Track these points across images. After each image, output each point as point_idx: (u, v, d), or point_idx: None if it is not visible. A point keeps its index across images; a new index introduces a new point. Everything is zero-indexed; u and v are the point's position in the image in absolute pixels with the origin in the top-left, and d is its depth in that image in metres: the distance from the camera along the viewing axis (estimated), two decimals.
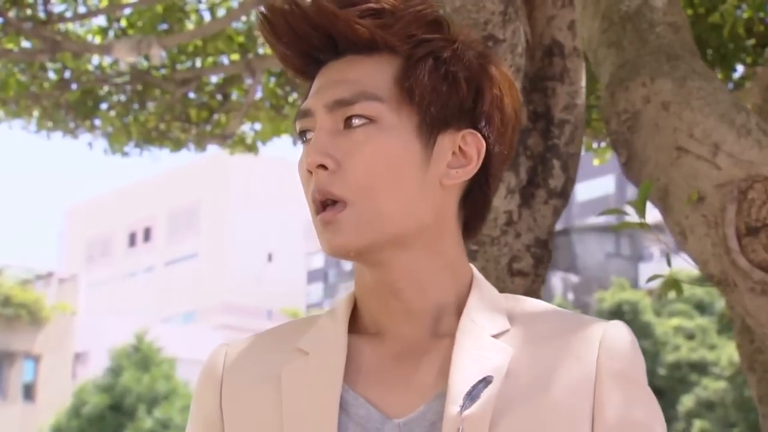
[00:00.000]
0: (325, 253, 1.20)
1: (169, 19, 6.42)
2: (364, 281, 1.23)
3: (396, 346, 1.22)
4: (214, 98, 6.81)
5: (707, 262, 2.78)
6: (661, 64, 2.99)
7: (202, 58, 6.62)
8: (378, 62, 1.21)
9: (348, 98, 1.19)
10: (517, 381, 1.17)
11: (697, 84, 2.91)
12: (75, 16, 6.18)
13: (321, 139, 1.19)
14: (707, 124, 2.81)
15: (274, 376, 1.22)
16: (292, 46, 1.23)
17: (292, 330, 1.28)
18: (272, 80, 6.72)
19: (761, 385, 3.44)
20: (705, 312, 26.25)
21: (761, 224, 2.67)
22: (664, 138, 2.88)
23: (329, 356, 1.21)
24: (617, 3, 3.22)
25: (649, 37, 3.09)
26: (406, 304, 1.22)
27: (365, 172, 1.18)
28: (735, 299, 2.75)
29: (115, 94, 6.70)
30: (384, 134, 1.18)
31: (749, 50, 6.79)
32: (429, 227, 1.21)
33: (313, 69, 1.24)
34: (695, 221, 2.79)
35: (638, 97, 2.95)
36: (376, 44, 1.21)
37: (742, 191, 2.70)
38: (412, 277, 1.21)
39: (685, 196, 2.82)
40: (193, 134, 6.83)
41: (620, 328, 1.22)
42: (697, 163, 2.80)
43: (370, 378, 1.20)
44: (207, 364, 1.29)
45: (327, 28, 1.20)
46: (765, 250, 2.65)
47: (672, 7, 3.19)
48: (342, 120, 1.19)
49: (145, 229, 55.47)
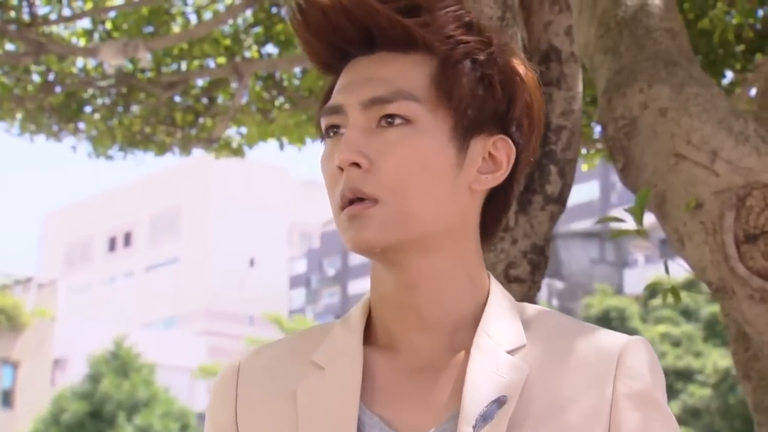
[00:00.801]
0: (349, 249, 1.18)
1: (155, 22, 6.39)
2: (381, 286, 1.22)
3: (411, 360, 1.20)
4: (199, 102, 6.79)
5: (705, 270, 2.78)
6: (658, 70, 2.99)
7: (187, 61, 6.59)
8: (413, 61, 1.19)
9: (385, 96, 1.17)
10: (532, 401, 1.15)
11: (695, 90, 2.92)
12: (60, 19, 6.16)
13: (354, 136, 1.17)
14: (705, 131, 2.82)
15: (289, 391, 1.21)
16: (324, 37, 1.21)
17: (306, 340, 1.27)
18: (259, 84, 6.71)
19: (757, 393, 3.45)
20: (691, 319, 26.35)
21: (760, 231, 2.67)
22: (661, 144, 2.88)
23: (345, 373, 1.20)
24: (614, 8, 3.22)
25: (646, 43, 3.09)
26: (422, 313, 1.20)
27: (399, 172, 1.16)
28: (733, 307, 2.76)
29: (99, 97, 6.67)
30: (419, 135, 1.17)
31: (738, 56, 6.81)
32: (453, 231, 1.20)
33: (339, 63, 1.22)
34: (693, 228, 2.79)
35: (636, 103, 2.95)
36: (414, 42, 1.19)
37: (740, 198, 2.70)
38: (431, 281, 1.19)
39: (682, 202, 2.82)
40: (179, 138, 6.81)
41: (640, 345, 1.20)
42: (695, 169, 2.80)
43: (385, 395, 1.19)
44: (221, 377, 1.28)
45: (366, 22, 1.18)
46: (764, 258, 2.65)
47: (669, 12, 3.20)
48: (376, 118, 1.18)
49: (126, 234, 55.28)
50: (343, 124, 1.19)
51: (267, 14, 6.50)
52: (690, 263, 2.85)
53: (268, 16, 6.53)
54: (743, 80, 6.59)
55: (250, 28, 6.62)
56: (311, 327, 1.31)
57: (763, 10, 6.66)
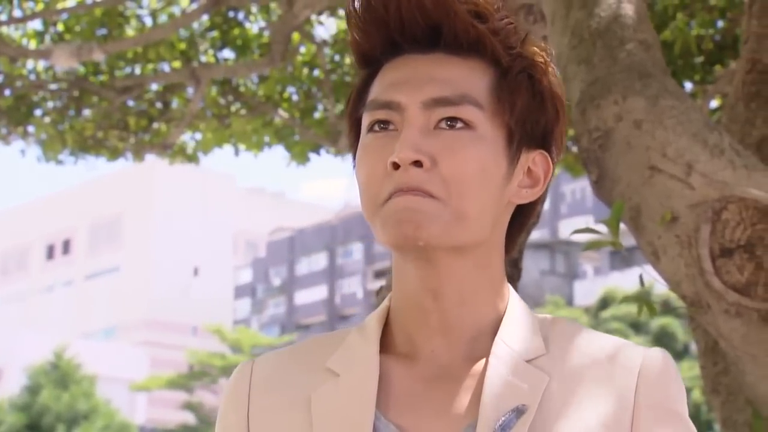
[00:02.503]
0: (387, 240, 1.16)
1: (109, 25, 6.34)
2: (406, 287, 1.21)
3: (429, 369, 1.20)
4: (153, 106, 6.74)
5: (680, 283, 2.81)
6: (632, 82, 3.02)
7: (142, 64, 6.55)
8: (472, 67, 1.20)
9: (451, 98, 1.18)
10: (552, 411, 1.15)
11: (670, 103, 2.95)
12: (10, 20, 6.08)
13: (414, 135, 1.17)
14: (680, 144, 2.85)
15: (303, 398, 1.20)
16: (385, 28, 1.20)
17: (320, 347, 1.26)
18: (215, 89, 6.68)
19: (725, 408, 3.49)
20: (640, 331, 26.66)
21: (735, 245, 2.70)
22: (636, 157, 2.91)
23: (361, 380, 1.19)
24: (587, 19, 3.25)
25: (619, 55, 3.12)
26: (444, 317, 1.20)
27: (462, 175, 1.16)
28: (708, 321, 2.79)
29: (50, 100, 6.60)
30: (480, 142, 1.18)
31: (698, 68, 6.92)
32: (487, 240, 1.21)
33: (384, 58, 1.22)
34: (668, 241, 2.82)
35: (610, 115, 2.98)
36: (480, 49, 1.20)
37: (716, 212, 2.73)
38: (457, 285, 1.20)
39: (657, 215, 2.85)
40: (132, 143, 6.76)
41: (661, 356, 1.20)
42: (671, 182, 2.83)
43: (401, 403, 1.19)
44: (233, 383, 1.27)
45: (439, 21, 1.19)
46: (739, 272, 2.69)
47: (642, 24, 3.24)
48: (436, 119, 1.18)
49: (64, 241, 54.64)
50: (395, 120, 1.19)
51: (224, 18, 6.48)
52: (664, 277, 2.88)
53: (225, 20, 6.51)
54: (703, 92, 6.69)
55: (206, 32, 6.59)
56: (325, 334, 1.30)
57: (723, 21, 6.77)
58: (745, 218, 2.71)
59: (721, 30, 6.87)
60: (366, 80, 1.24)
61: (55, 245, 55.18)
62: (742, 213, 2.72)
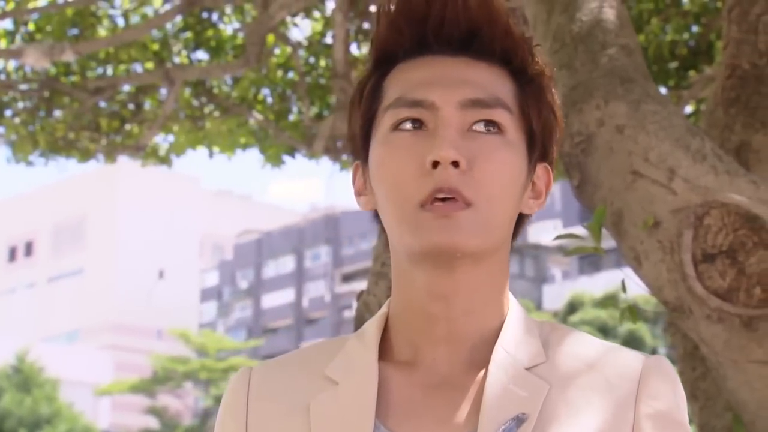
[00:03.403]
0: (423, 247, 1.16)
1: (80, 25, 6.31)
2: (413, 294, 1.21)
3: (429, 376, 1.20)
4: (126, 108, 6.71)
5: (662, 289, 2.83)
6: (614, 86, 3.05)
7: (114, 65, 6.52)
8: (498, 74, 1.21)
9: (487, 101, 1.18)
10: (552, 419, 1.15)
11: (652, 108, 2.98)
12: None
13: (453, 136, 1.17)
14: (663, 149, 2.88)
15: (302, 405, 1.20)
16: (420, 26, 1.20)
17: (318, 354, 1.26)
18: (188, 90, 6.66)
19: (703, 414, 3.52)
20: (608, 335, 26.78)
21: (718, 251, 2.73)
22: (618, 161, 2.93)
23: (360, 388, 1.20)
24: (568, 23, 3.28)
25: (601, 60, 3.15)
26: (451, 325, 1.20)
27: (494, 180, 1.17)
28: (689, 326, 2.82)
29: (21, 100, 6.56)
30: (509, 147, 1.19)
31: (672, 73, 6.98)
32: (500, 248, 1.22)
33: (405, 57, 1.22)
34: (650, 247, 2.84)
35: (592, 120, 3.00)
36: (510, 56, 1.21)
37: (698, 217, 2.76)
38: (468, 292, 1.20)
39: (639, 220, 2.87)
40: (103, 144, 6.73)
41: (661, 363, 1.21)
42: (653, 187, 2.86)
43: (401, 412, 1.19)
44: (231, 390, 1.27)
45: (480, 25, 1.19)
46: (721, 277, 2.71)
47: (624, 29, 3.26)
48: (471, 121, 1.18)
49: (27, 243, 54.18)
50: (426, 119, 1.18)
51: (197, 19, 6.46)
52: (646, 282, 2.90)
53: (199, 21, 6.49)
54: (678, 97, 6.75)
55: (179, 33, 6.57)
56: (323, 341, 1.31)
57: (697, 26, 6.83)
58: (728, 224, 2.74)
59: (696, 35, 6.93)
60: (379, 79, 1.23)
61: (18, 247, 54.72)
62: (724, 218, 2.74)
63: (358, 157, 1.27)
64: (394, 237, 1.20)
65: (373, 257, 2.78)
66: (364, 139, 1.24)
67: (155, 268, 52.56)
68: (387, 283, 2.79)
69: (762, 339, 2.69)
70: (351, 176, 1.30)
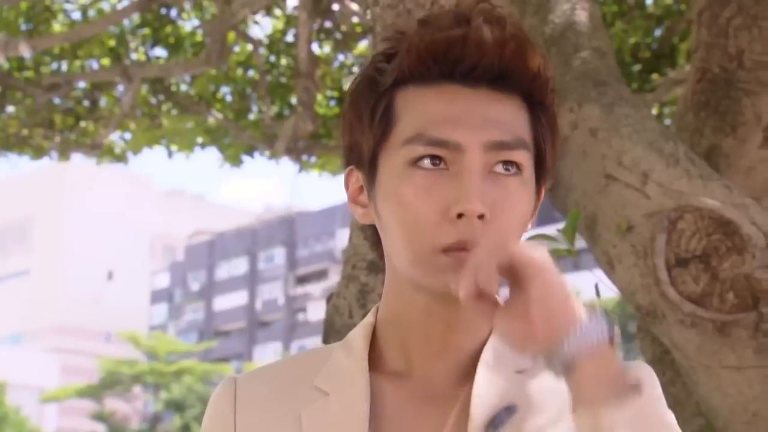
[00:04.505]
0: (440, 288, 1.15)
1: (35, 19, 6.24)
2: (411, 315, 1.22)
3: (422, 388, 1.21)
4: (81, 104, 6.65)
5: (635, 293, 2.85)
6: (588, 89, 3.06)
7: (69, 61, 6.45)
8: (517, 108, 1.20)
9: (510, 143, 1.17)
10: (543, 412, 1.17)
11: (625, 111, 3.00)
12: None
13: (479, 183, 1.16)
14: (636, 152, 2.89)
15: (293, 416, 1.21)
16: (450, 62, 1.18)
17: (305, 364, 1.27)
18: (145, 88, 6.61)
19: None
20: None
21: (691, 255, 2.74)
22: (592, 165, 2.95)
23: (351, 399, 1.20)
24: (541, 25, 3.29)
25: (574, 62, 3.17)
26: (449, 341, 1.22)
27: (512, 226, 1.18)
28: (662, 331, 2.83)
29: None
30: (526, 187, 1.19)
31: (635, 76, 7.04)
32: None
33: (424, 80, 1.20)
34: (623, 251, 2.86)
35: (565, 123, 3.01)
36: (534, 92, 1.20)
37: (672, 221, 2.77)
38: (470, 316, 1.20)
39: (613, 224, 2.88)
40: (57, 142, 6.66)
41: (646, 370, 1.22)
42: (626, 191, 2.87)
43: (393, 423, 1.20)
44: (216, 400, 1.26)
45: (513, 68, 1.18)
46: (695, 282, 2.73)
47: (596, 32, 3.28)
48: (493, 162, 1.17)
49: None
50: (448, 159, 1.17)
51: (156, 15, 6.42)
52: (619, 286, 2.92)
53: (157, 18, 6.45)
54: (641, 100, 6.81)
55: (137, 29, 6.52)
56: (307, 350, 1.31)
57: (660, 30, 6.90)
58: (701, 228, 2.75)
59: (659, 38, 6.99)
60: (389, 100, 1.21)
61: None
62: (697, 223, 2.76)
63: (356, 166, 1.25)
64: (403, 268, 1.19)
65: (343, 260, 2.77)
66: (373, 157, 1.22)
67: (104, 269, 52.15)
68: (357, 287, 2.78)
69: (735, 344, 2.71)
70: (344, 181, 1.28)
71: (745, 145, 3.39)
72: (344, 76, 6.68)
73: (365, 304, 2.79)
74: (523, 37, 1.18)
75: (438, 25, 1.18)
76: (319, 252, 48.41)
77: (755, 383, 2.70)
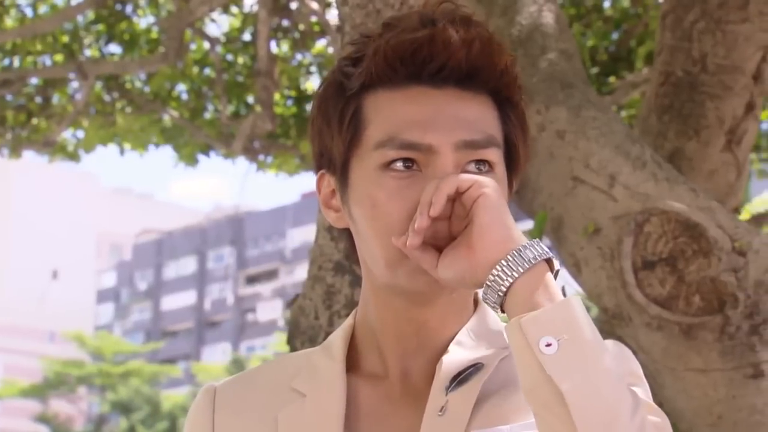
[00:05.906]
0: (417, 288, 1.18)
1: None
2: (387, 316, 1.24)
3: (396, 388, 1.24)
4: (33, 101, 6.58)
5: (602, 295, 2.87)
6: (555, 91, 3.08)
7: (21, 57, 6.38)
8: (484, 103, 1.21)
9: (480, 141, 1.18)
10: (509, 372, 1.19)
11: (592, 113, 3.02)
12: None
13: None
14: (603, 155, 2.92)
15: (270, 418, 1.23)
16: (421, 68, 1.18)
17: (283, 367, 1.29)
18: (99, 84, 6.55)
19: None
20: None
21: (658, 258, 2.77)
22: (559, 167, 2.97)
23: (328, 400, 1.22)
24: (507, 27, 3.30)
25: (541, 64, 3.18)
26: (425, 341, 1.24)
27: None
28: (628, 334, 2.86)
29: None
30: (499, 184, 1.19)
31: (593, 78, 7.10)
32: None
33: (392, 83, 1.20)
34: (590, 253, 2.88)
35: (533, 125, 3.03)
36: (502, 90, 1.21)
37: (639, 224, 2.80)
38: (444, 315, 1.23)
39: (580, 227, 2.91)
40: (8, 139, 6.59)
41: (615, 343, 1.24)
42: (593, 194, 2.90)
43: (369, 423, 1.22)
44: (196, 407, 1.29)
45: (480, 67, 1.19)
46: (661, 285, 2.76)
47: (563, 33, 3.30)
48: (465, 161, 1.18)
49: None
50: (419, 160, 1.18)
51: (110, 11, 6.36)
52: (585, 289, 2.94)
53: (112, 14, 6.39)
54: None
55: (90, 25, 6.46)
56: (288, 354, 1.34)
57: (618, 32, 6.96)
58: (668, 231, 2.78)
59: (616, 41, 7.05)
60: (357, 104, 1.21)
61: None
62: (664, 226, 2.78)
63: (327, 171, 1.26)
64: (378, 271, 1.21)
65: (310, 260, 2.76)
66: (344, 162, 1.22)
67: (49, 267, 51.62)
68: (324, 288, 2.77)
69: (700, 347, 2.74)
70: (315, 184, 1.29)
71: (707, 148, 3.43)
72: (302, 75, 6.67)
73: (331, 305, 2.78)
74: (489, 35, 1.19)
75: (403, 27, 1.19)
76: (269, 252, 48.25)
77: (720, 386, 2.73)
